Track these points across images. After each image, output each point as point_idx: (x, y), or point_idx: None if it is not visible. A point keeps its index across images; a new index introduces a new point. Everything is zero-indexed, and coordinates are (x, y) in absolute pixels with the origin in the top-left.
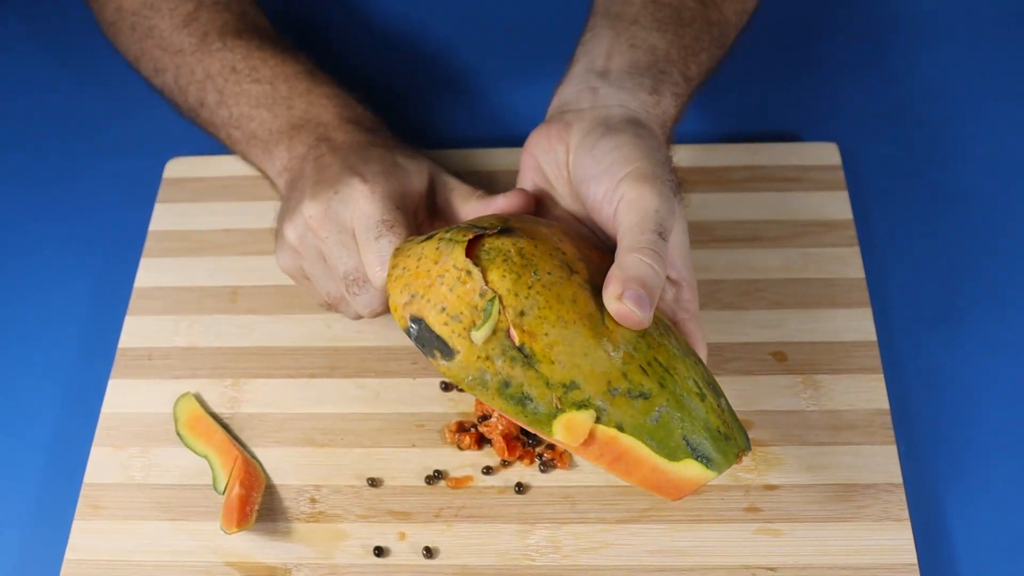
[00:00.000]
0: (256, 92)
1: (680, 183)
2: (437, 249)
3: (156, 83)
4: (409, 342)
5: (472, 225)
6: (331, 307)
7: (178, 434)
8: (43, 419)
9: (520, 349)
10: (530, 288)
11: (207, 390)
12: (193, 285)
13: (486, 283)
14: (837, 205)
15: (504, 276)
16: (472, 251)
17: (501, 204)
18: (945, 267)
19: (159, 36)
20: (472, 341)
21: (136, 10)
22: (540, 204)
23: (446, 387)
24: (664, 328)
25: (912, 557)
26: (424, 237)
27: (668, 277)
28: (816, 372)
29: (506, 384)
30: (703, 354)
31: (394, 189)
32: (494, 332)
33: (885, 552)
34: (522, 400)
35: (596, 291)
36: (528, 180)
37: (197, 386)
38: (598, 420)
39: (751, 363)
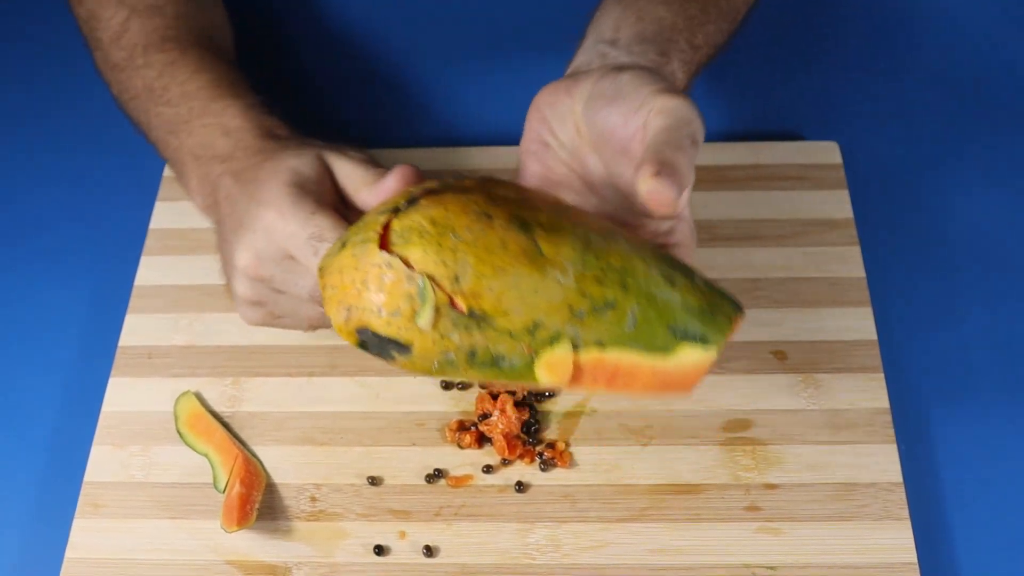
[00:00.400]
0: (167, 116)
1: None
2: (353, 255)
3: (113, 95)
4: None
5: (377, 213)
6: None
7: (178, 433)
8: (43, 418)
9: (471, 315)
10: (455, 252)
11: (207, 388)
12: (193, 283)
13: (409, 267)
14: (838, 204)
15: (425, 252)
16: (386, 241)
17: (391, 185)
18: (945, 267)
19: (102, 49)
20: (420, 328)
21: (85, 19)
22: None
23: (446, 386)
24: (607, 233)
25: (912, 556)
26: (339, 245)
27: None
28: (816, 371)
29: (472, 354)
30: None
31: (300, 196)
32: (437, 310)
33: (885, 551)
34: (495, 362)
35: (523, 226)
36: (532, 132)
37: (197, 384)
38: (576, 348)
39: (751, 362)
